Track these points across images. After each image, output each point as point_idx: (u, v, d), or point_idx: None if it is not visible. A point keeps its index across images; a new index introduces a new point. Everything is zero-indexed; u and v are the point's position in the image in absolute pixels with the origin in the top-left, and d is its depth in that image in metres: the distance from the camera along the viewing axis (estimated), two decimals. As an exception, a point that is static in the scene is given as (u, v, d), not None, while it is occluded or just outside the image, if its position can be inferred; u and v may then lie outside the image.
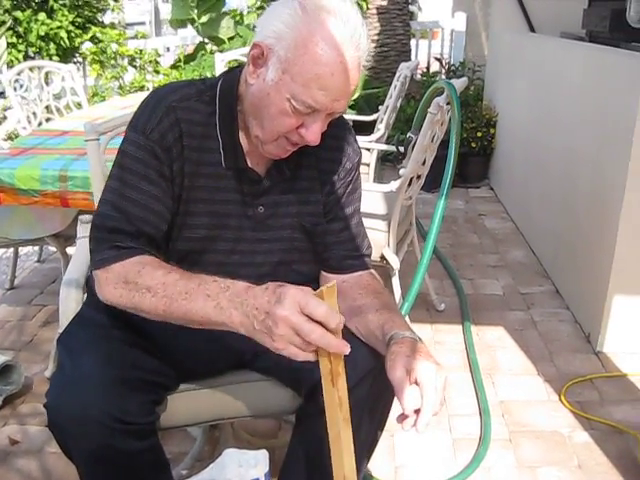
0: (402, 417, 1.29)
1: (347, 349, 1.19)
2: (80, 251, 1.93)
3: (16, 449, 2.34)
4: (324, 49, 1.31)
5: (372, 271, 1.68)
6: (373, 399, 1.51)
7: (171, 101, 1.46)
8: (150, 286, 1.35)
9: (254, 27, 7.56)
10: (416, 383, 1.29)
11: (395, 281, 2.89)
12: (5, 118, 5.70)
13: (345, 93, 1.37)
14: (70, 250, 2.89)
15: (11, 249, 3.62)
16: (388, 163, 5.46)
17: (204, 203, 1.50)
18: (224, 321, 1.26)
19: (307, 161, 1.57)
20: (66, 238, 2.94)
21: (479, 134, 5.36)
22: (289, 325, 1.16)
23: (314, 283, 1.67)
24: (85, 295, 1.80)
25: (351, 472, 1.30)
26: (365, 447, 1.59)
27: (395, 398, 1.36)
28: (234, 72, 1.52)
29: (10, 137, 5.33)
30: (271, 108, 1.38)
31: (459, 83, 2.92)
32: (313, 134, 1.40)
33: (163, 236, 1.49)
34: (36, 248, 4.03)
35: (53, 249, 3.80)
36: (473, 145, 5.40)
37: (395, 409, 1.38)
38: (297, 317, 1.16)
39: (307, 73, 1.32)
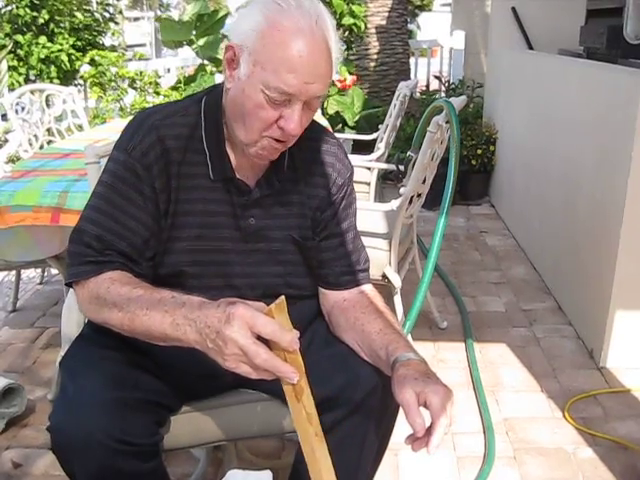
0: (412, 439, 1.30)
1: (295, 378, 1.18)
2: (82, 273, 1.93)
3: (19, 472, 2.32)
4: (288, 33, 1.33)
5: (372, 287, 1.69)
6: (377, 416, 1.51)
7: (154, 120, 1.48)
8: (116, 302, 1.36)
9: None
10: (425, 405, 1.30)
11: (397, 299, 2.89)
12: (6, 141, 5.72)
13: (317, 75, 1.37)
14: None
15: (13, 272, 3.62)
16: (389, 182, 5.47)
17: (194, 216, 1.51)
18: (180, 337, 1.26)
19: (296, 175, 1.59)
20: (68, 260, 2.94)
21: (479, 151, 5.37)
22: (237, 346, 1.16)
23: (311, 298, 1.68)
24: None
25: None
26: (369, 464, 1.60)
27: (398, 416, 1.36)
28: (218, 87, 1.54)
29: (12, 160, 5.35)
30: (247, 104, 1.39)
31: (458, 101, 2.93)
32: (293, 122, 1.39)
33: (140, 251, 1.49)
34: (38, 271, 4.03)
35: (55, 271, 3.80)
36: (473, 162, 5.41)
37: (399, 427, 1.38)
38: (244, 339, 1.16)
39: (275, 58, 1.34)
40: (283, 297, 1.21)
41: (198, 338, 1.23)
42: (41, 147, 4.04)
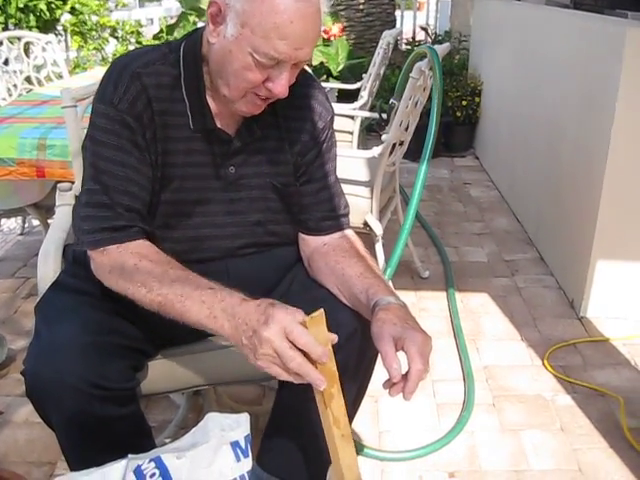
0: (389, 384, 1.30)
1: (322, 385, 1.21)
2: (59, 219, 1.92)
3: (0, 420, 2.33)
4: None
5: (352, 232, 1.67)
6: (356, 360, 1.51)
7: (135, 67, 1.44)
8: (146, 282, 1.36)
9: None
10: (403, 350, 1.29)
11: (379, 248, 2.88)
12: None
13: (307, 40, 1.35)
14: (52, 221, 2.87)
15: (-7, 223, 3.61)
16: (373, 133, 5.44)
17: (177, 167, 1.49)
18: (217, 331, 1.29)
19: (276, 121, 1.56)
20: (47, 209, 2.93)
21: (464, 103, 5.34)
22: (272, 348, 1.19)
23: (291, 244, 1.67)
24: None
25: None
26: (348, 407, 1.60)
27: (378, 360, 1.36)
28: (196, 33, 1.51)
29: (-10, 109, 5.27)
30: (234, 64, 1.36)
31: (441, 48, 2.90)
32: (280, 86, 1.39)
33: (145, 204, 1.48)
34: (19, 221, 4.00)
35: (36, 222, 3.77)
36: (458, 114, 5.39)
37: (379, 373, 1.38)
38: (280, 342, 1.18)
39: (266, 24, 1.30)
40: (322, 311, 1.23)
41: (234, 333, 1.25)
42: (20, 96, 3.98)
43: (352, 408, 1.63)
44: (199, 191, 1.53)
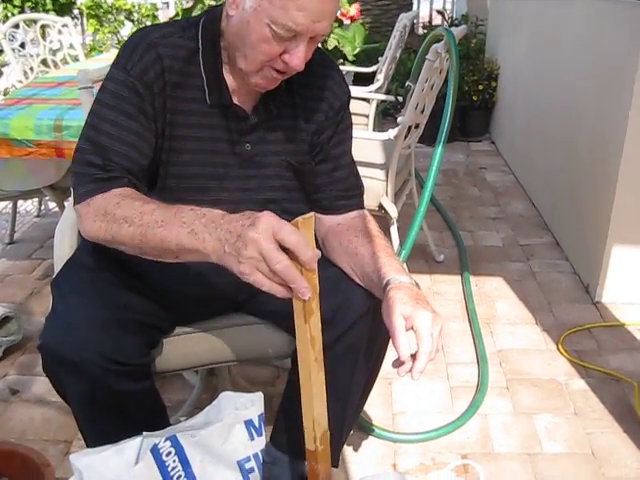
0: (398, 363, 1.30)
1: (307, 294, 1.13)
2: (75, 199, 1.92)
3: (17, 399, 2.35)
4: None
5: (366, 212, 1.67)
6: (369, 340, 1.52)
7: (153, 38, 1.45)
8: (127, 216, 1.31)
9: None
10: (412, 329, 1.29)
11: (393, 231, 2.88)
12: (1, 74, 5.67)
13: (324, 13, 1.34)
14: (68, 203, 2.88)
15: (10, 205, 3.62)
16: (389, 117, 5.43)
17: (189, 140, 1.49)
18: (197, 247, 1.21)
19: (293, 100, 1.56)
20: (63, 190, 2.94)
21: (480, 87, 5.31)
22: (258, 249, 1.11)
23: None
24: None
25: (321, 415, 1.30)
26: (361, 388, 1.61)
27: (391, 341, 1.37)
28: (216, 9, 1.51)
29: (6, 93, 5.29)
30: (252, 36, 1.36)
31: (458, 30, 2.88)
32: (297, 59, 1.38)
33: (144, 171, 1.47)
34: (35, 203, 4.03)
35: (52, 204, 3.79)
36: (474, 98, 5.36)
37: (391, 355, 1.39)
38: (267, 243, 1.10)
39: None
40: (312, 214, 1.16)
41: (216, 245, 1.17)
42: (35, 78, 4.00)
43: (365, 388, 1.64)
44: (214, 166, 1.53)
